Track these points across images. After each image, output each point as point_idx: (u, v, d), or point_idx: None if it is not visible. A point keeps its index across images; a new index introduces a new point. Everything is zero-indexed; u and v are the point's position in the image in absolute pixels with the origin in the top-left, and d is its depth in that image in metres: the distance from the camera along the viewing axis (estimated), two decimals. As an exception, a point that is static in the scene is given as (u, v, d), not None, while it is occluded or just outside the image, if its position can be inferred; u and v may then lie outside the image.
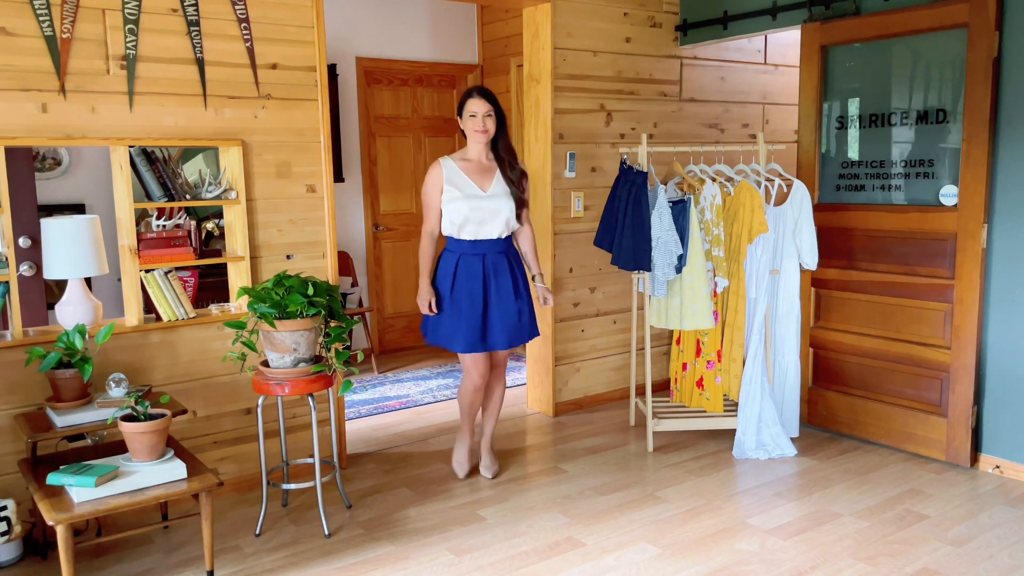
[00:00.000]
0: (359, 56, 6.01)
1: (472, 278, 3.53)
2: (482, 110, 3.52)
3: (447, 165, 3.55)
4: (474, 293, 3.52)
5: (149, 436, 2.76)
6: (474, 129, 3.53)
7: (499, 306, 3.55)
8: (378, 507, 3.56)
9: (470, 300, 3.52)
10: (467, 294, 3.53)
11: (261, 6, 3.58)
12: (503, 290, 3.56)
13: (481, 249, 3.55)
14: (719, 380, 4.32)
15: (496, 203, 3.53)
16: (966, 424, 3.85)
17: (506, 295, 3.56)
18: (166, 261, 3.48)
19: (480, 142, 3.56)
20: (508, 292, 3.56)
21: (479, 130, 3.52)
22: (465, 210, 3.49)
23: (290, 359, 3.18)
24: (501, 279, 3.56)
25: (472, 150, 3.60)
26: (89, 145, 3.60)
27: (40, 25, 3.09)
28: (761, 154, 4.22)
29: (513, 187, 3.56)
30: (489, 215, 3.51)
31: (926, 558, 3.03)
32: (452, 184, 3.52)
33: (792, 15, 4.50)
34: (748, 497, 3.61)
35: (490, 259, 3.55)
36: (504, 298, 3.56)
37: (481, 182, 3.55)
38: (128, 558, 3.12)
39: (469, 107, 3.53)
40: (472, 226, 3.52)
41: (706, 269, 4.10)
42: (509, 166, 3.57)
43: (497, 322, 3.55)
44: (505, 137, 3.59)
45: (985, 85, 3.64)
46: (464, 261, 3.54)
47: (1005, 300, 3.74)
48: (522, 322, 3.63)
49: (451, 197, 3.51)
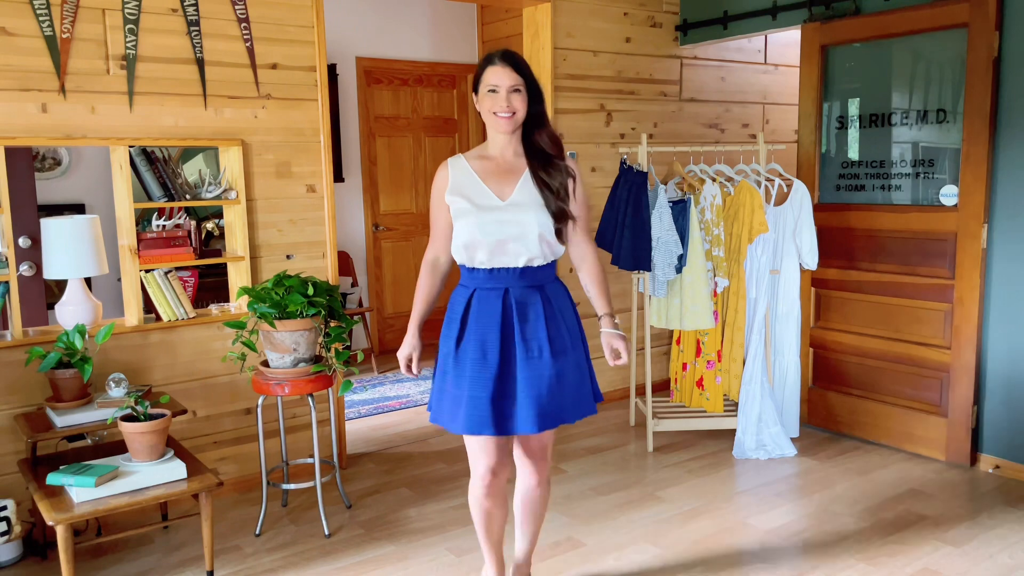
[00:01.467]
0: (359, 56, 6.00)
1: (486, 321, 2.41)
2: (506, 82, 2.37)
3: (456, 166, 2.49)
4: (487, 342, 2.40)
5: (149, 436, 2.76)
6: (494, 111, 2.39)
7: (527, 364, 2.39)
8: (378, 507, 3.56)
9: (481, 352, 2.40)
10: (477, 344, 2.41)
11: (261, 6, 3.58)
12: (534, 340, 2.41)
13: (502, 281, 2.43)
14: (719, 380, 4.32)
15: (519, 216, 2.40)
16: (966, 424, 3.85)
17: (538, 348, 2.41)
18: (166, 261, 3.48)
19: (504, 130, 2.42)
20: (541, 343, 2.41)
21: (502, 112, 2.38)
22: (474, 227, 2.39)
23: (290, 359, 3.17)
24: (532, 324, 2.42)
25: (494, 143, 2.49)
26: (89, 145, 3.60)
27: (40, 25, 3.09)
28: (761, 154, 4.22)
29: (549, 194, 2.43)
30: (511, 234, 2.39)
31: (926, 558, 3.03)
32: (460, 192, 2.44)
33: (792, 15, 4.50)
34: (748, 497, 3.61)
35: (515, 294, 2.42)
36: (535, 353, 2.40)
37: (501, 187, 2.44)
38: (128, 558, 3.12)
39: (488, 79, 2.40)
40: (486, 250, 2.40)
41: (706, 269, 4.10)
42: (544, 162, 2.45)
43: (524, 389, 2.38)
44: (542, 121, 2.47)
45: (985, 85, 3.64)
46: (479, 298, 2.44)
47: (1005, 300, 3.74)
48: (564, 389, 2.42)
49: (459, 210, 2.43)
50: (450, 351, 2.46)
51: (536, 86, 2.44)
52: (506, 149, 2.48)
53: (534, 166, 2.45)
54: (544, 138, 2.46)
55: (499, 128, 2.42)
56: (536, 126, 2.46)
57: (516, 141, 2.47)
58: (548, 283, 2.49)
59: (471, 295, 2.45)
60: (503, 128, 2.42)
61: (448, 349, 2.48)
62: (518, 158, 2.48)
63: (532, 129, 2.47)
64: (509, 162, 2.48)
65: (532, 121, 2.45)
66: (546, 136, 2.47)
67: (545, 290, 2.47)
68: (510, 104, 2.38)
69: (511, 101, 2.38)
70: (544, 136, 2.46)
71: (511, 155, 2.48)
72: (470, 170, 2.48)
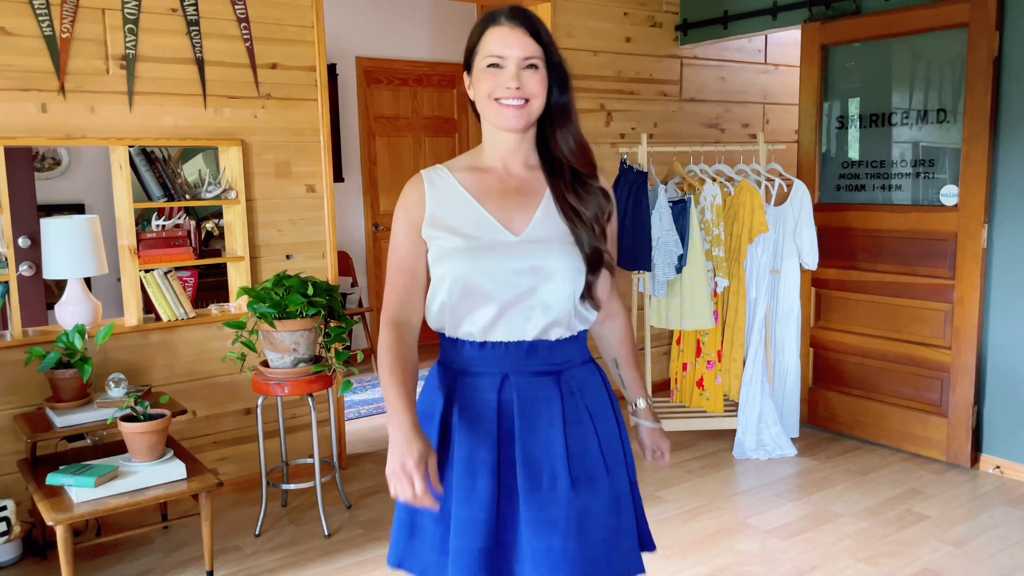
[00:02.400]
0: (359, 56, 6.00)
1: (475, 428, 1.58)
2: (517, 52, 1.53)
3: (436, 182, 1.64)
4: (477, 462, 1.57)
5: (149, 436, 2.75)
6: (496, 95, 1.55)
7: (532, 501, 1.55)
8: (378, 507, 3.56)
9: (468, 476, 1.57)
10: (463, 462, 1.57)
11: (261, 6, 3.58)
12: (544, 461, 1.57)
13: (498, 364, 1.58)
14: (719, 380, 4.32)
15: (541, 259, 1.56)
16: (966, 424, 3.85)
17: (550, 475, 1.57)
18: (166, 261, 3.48)
19: (511, 126, 1.56)
20: (555, 466, 1.57)
21: (509, 99, 1.54)
22: (469, 277, 1.54)
23: (290, 359, 3.17)
24: (541, 434, 1.58)
25: (493, 148, 1.63)
26: (89, 145, 3.60)
27: (40, 25, 3.08)
28: (761, 154, 4.22)
29: (582, 227, 1.59)
30: (524, 288, 1.55)
31: (926, 558, 3.03)
32: (444, 223, 1.59)
33: (792, 15, 4.49)
34: (748, 497, 3.61)
35: (517, 385, 1.58)
36: (544, 482, 1.57)
37: (509, 214, 1.59)
38: (128, 558, 3.11)
39: (488, 46, 1.56)
40: (485, 314, 1.56)
41: (706, 269, 4.10)
42: (572, 180, 1.62)
43: (530, 540, 1.55)
44: (567, 117, 1.62)
45: (985, 85, 3.64)
46: (463, 389, 1.61)
47: (1005, 300, 3.74)
48: (590, 539, 1.59)
49: (444, 250, 1.57)
50: None
51: (560, 63, 1.59)
52: (512, 157, 1.62)
53: (558, 185, 1.60)
54: (569, 142, 1.62)
55: (504, 122, 1.55)
56: (558, 124, 1.61)
57: (528, 146, 1.63)
58: (570, 367, 1.62)
59: (452, 382, 1.61)
60: (510, 123, 1.55)
61: None
62: (531, 171, 1.63)
63: (552, 129, 1.62)
64: (518, 177, 1.62)
65: (553, 116, 1.60)
66: (572, 140, 1.62)
67: (564, 379, 1.61)
68: (522, 85, 1.53)
69: (523, 81, 1.53)
70: (570, 139, 1.62)
71: (520, 166, 1.63)
72: (459, 188, 1.60)
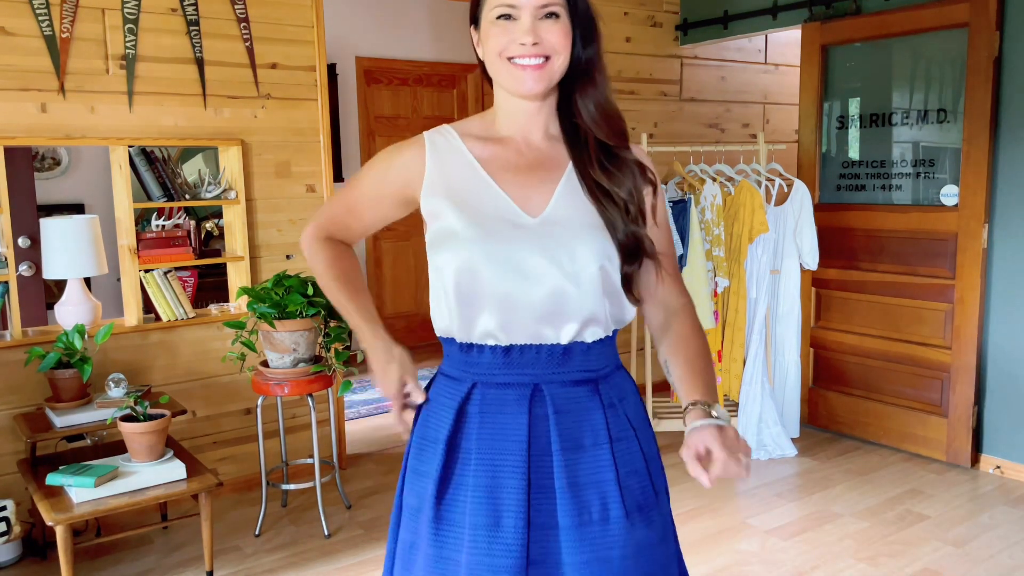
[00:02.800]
0: (359, 56, 6.00)
1: (500, 451, 1.30)
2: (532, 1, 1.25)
3: (441, 145, 1.36)
4: (502, 494, 1.28)
5: (148, 436, 2.75)
6: (508, 53, 1.27)
7: (581, 537, 1.27)
8: (378, 507, 3.55)
9: (491, 514, 1.27)
10: (482, 496, 1.29)
11: (261, 6, 3.57)
12: (592, 488, 1.30)
13: (527, 372, 1.31)
14: (719, 380, 4.32)
15: (566, 247, 1.29)
16: (967, 424, 3.84)
17: (601, 504, 1.29)
18: (165, 261, 3.48)
19: (528, 90, 1.29)
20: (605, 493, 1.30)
21: (525, 57, 1.27)
22: (480, 266, 1.27)
23: (289, 359, 3.17)
24: (587, 456, 1.31)
25: (508, 116, 1.37)
26: (88, 145, 3.60)
27: (39, 25, 3.08)
28: (762, 154, 4.22)
29: (614, 208, 1.32)
30: (551, 283, 1.28)
31: (927, 558, 3.02)
32: (449, 194, 1.33)
33: (793, 15, 4.49)
34: (749, 497, 3.61)
35: (553, 398, 1.31)
36: (594, 514, 1.28)
37: (526, 192, 1.32)
38: (127, 559, 3.11)
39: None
40: (499, 312, 1.29)
41: (706, 269, 4.10)
42: (602, 154, 1.34)
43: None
44: (593, 77, 1.33)
45: (986, 85, 3.64)
46: (483, 403, 1.33)
47: (1006, 300, 3.74)
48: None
49: (445, 231, 1.31)
50: (423, 506, 1.31)
51: (589, 13, 1.31)
52: (531, 126, 1.35)
53: (584, 160, 1.32)
54: (590, 108, 1.32)
55: (520, 87, 1.28)
56: (579, 85, 1.32)
57: (549, 112, 1.35)
58: (608, 374, 1.35)
59: (466, 396, 1.32)
60: (527, 86, 1.27)
61: (418, 502, 1.33)
62: (552, 143, 1.36)
63: (576, 93, 1.33)
64: (537, 149, 1.35)
65: (573, 75, 1.32)
66: (594, 105, 1.32)
67: (604, 387, 1.34)
68: (540, 39, 1.24)
69: (542, 33, 1.25)
70: (590, 105, 1.32)
71: (540, 136, 1.35)
72: (468, 157, 1.33)
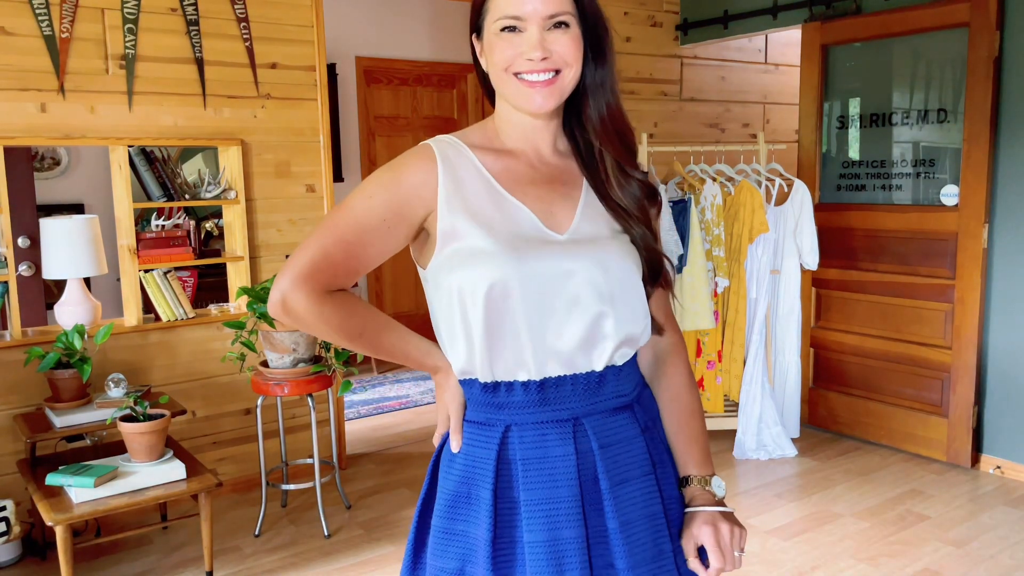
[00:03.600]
0: (359, 56, 6.00)
1: (558, 500, 1.14)
2: (539, 8, 1.13)
3: (449, 157, 1.19)
4: (567, 549, 1.13)
5: (148, 436, 2.75)
6: (515, 69, 1.16)
7: None
8: (378, 508, 3.55)
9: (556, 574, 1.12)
10: (549, 559, 1.12)
11: (260, 5, 3.57)
12: (649, 521, 1.20)
13: (565, 406, 1.17)
14: (719, 380, 4.32)
15: (600, 266, 1.17)
16: (967, 424, 3.84)
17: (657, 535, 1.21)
18: (165, 261, 3.47)
19: (539, 107, 1.17)
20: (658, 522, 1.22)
21: (533, 73, 1.15)
22: (506, 282, 1.12)
23: (289, 359, 3.17)
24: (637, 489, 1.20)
25: (515, 128, 1.24)
26: (88, 145, 3.60)
27: (39, 24, 3.08)
28: (762, 154, 4.22)
29: (636, 225, 1.24)
30: (591, 305, 1.16)
31: (927, 559, 3.02)
32: (459, 207, 1.16)
33: (793, 14, 4.49)
34: (749, 498, 3.61)
35: (598, 432, 1.18)
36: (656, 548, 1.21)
37: (547, 208, 1.20)
38: (127, 559, 3.11)
39: (500, 1, 1.15)
40: (530, 339, 1.14)
41: (706, 269, 4.09)
42: (616, 172, 1.25)
43: None
44: (606, 93, 1.25)
45: (986, 85, 3.64)
46: (525, 452, 1.16)
47: (1006, 300, 3.73)
48: None
49: (461, 249, 1.15)
50: (471, 570, 1.17)
51: (598, 17, 1.21)
52: (539, 140, 1.25)
53: (600, 177, 1.24)
54: (612, 124, 1.24)
55: (528, 104, 1.17)
56: (597, 100, 1.24)
57: (556, 127, 1.26)
58: (639, 397, 1.26)
59: (501, 442, 1.17)
60: (536, 104, 1.17)
61: (461, 564, 1.18)
62: (562, 158, 1.27)
63: (589, 107, 1.24)
64: (550, 164, 1.25)
65: (589, 89, 1.23)
66: (614, 122, 1.24)
67: (639, 413, 1.24)
68: (549, 53, 1.14)
69: (551, 45, 1.14)
70: (611, 121, 1.24)
71: (549, 151, 1.26)
72: (481, 170, 1.20)
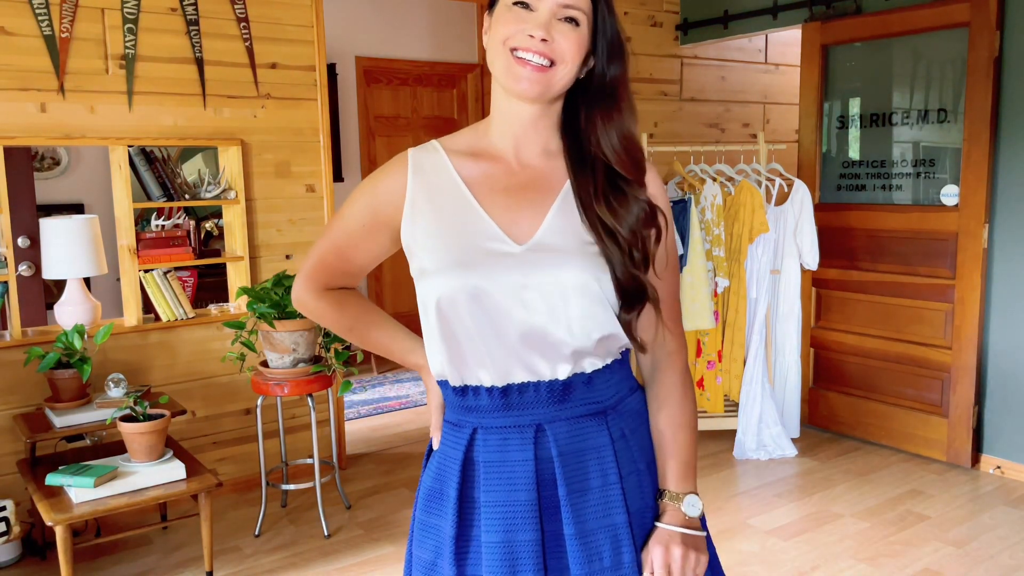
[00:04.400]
0: (359, 56, 6.00)
1: (515, 504, 1.18)
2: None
3: (425, 165, 1.20)
4: (521, 552, 1.17)
5: (148, 436, 2.75)
6: (513, 44, 1.11)
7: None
8: (378, 508, 3.55)
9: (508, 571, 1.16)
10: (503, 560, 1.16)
11: (260, 5, 3.57)
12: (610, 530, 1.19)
13: (534, 411, 1.18)
14: (720, 380, 4.32)
15: (551, 272, 1.14)
16: (967, 425, 3.84)
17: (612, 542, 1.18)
18: (165, 261, 3.47)
19: (523, 90, 1.12)
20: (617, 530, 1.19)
21: (531, 56, 1.11)
22: (456, 297, 1.13)
23: (289, 359, 3.17)
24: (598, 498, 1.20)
25: (504, 122, 1.19)
26: (88, 145, 3.60)
27: (39, 24, 3.08)
28: (762, 154, 4.22)
29: (612, 244, 1.16)
30: (539, 317, 1.14)
31: (927, 559, 3.02)
32: (422, 217, 1.19)
33: (793, 14, 4.49)
34: (749, 498, 3.61)
35: (556, 438, 1.18)
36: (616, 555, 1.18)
37: (514, 216, 1.17)
38: (127, 559, 3.11)
39: None
40: (483, 349, 1.16)
41: (706, 269, 4.09)
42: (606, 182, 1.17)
43: None
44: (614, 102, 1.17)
45: (986, 85, 3.64)
46: (486, 451, 1.20)
47: (1006, 300, 3.73)
48: None
49: (424, 264, 1.17)
50: (439, 563, 1.22)
51: (613, 26, 1.16)
52: (526, 139, 1.19)
53: (586, 189, 1.17)
54: (619, 138, 1.17)
55: (514, 83, 1.13)
56: (600, 109, 1.17)
57: (549, 126, 1.20)
58: (618, 404, 1.24)
59: (469, 443, 1.21)
60: (521, 85, 1.12)
61: (432, 556, 1.23)
62: (549, 160, 1.21)
63: (589, 113, 1.18)
64: (532, 169, 1.20)
65: (593, 96, 1.18)
66: (622, 136, 1.17)
67: (612, 420, 1.22)
68: (550, 39, 1.10)
69: (554, 35, 1.11)
70: (619, 135, 1.17)
71: (535, 153, 1.20)
72: (454, 177, 1.19)
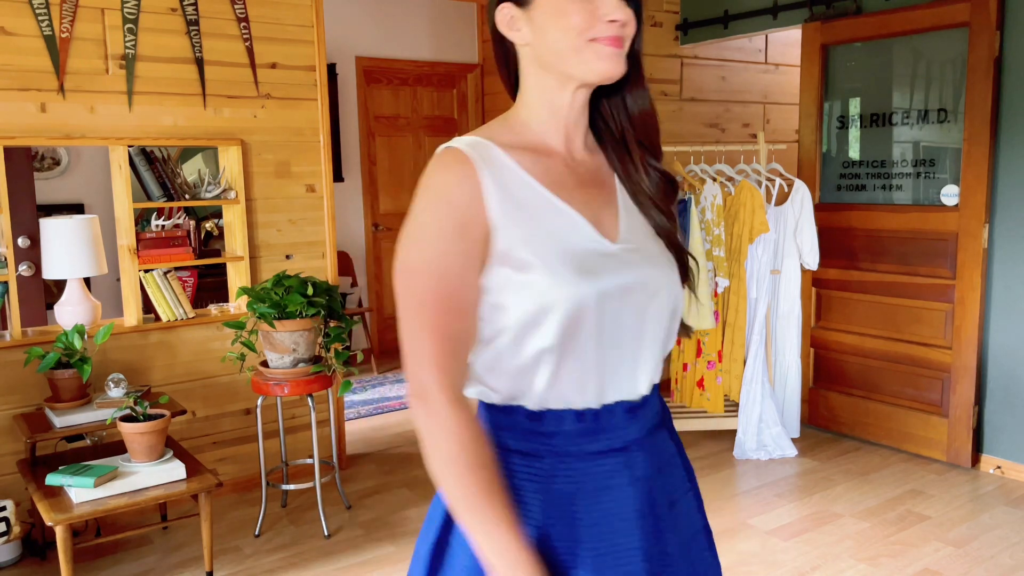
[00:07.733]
0: (359, 55, 5.99)
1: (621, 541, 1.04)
2: None
3: (491, 163, 1.03)
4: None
5: (148, 436, 2.75)
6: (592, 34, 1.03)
7: None
8: (378, 508, 3.55)
9: None
10: None
11: (260, 5, 3.57)
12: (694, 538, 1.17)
13: (625, 431, 1.08)
14: (720, 380, 4.31)
15: (646, 272, 1.08)
16: (967, 425, 3.84)
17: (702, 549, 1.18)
18: (165, 261, 3.47)
19: (614, 72, 1.06)
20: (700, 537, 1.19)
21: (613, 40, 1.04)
22: (585, 306, 1.01)
23: (289, 359, 3.17)
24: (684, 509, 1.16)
25: (551, 117, 1.12)
26: (88, 145, 3.60)
27: (39, 24, 3.08)
28: (762, 154, 4.22)
29: (671, 223, 1.16)
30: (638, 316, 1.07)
31: (927, 559, 3.02)
32: (511, 220, 1.02)
33: (793, 14, 4.49)
34: (749, 498, 3.61)
35: (649, 458, 1.09)
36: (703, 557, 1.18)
37: (593, 212, 1.09)
38: (127, 559, 3.11)
39: None
40: (595, 366, 1.04)
41: (707, 269, 4.10)
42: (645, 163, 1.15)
43: None
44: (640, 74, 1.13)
45: (986, 84, 3.64)
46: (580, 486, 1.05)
47: (1006, 300, 3.73)
48: None
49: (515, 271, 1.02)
50: None
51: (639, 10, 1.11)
52: (576, 132, 1.14)
53: (632, 172, 1.15)
54: (643, 110, 1.15)
55: (604, 69, 1.06)
56: (634, 84, 1.14)
57: (586, 120, 1.16)
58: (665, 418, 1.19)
59: (550, 474, 1.06)
60: (614, 69, 1.06)
61: None
62: (592, 155, 1.17)
63: (626, 91, 1.14)
64: (583, 162, 1.15)
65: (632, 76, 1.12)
66: (645, 109, 1.15)
67: (670, 428, 1.19)
68: (625, 20, 1.05)
69: (626, 15, 1.05)
70: (644, 107, 1.15)
71: (581, 146, 1.15)
72: (523, 174, 1.07)
